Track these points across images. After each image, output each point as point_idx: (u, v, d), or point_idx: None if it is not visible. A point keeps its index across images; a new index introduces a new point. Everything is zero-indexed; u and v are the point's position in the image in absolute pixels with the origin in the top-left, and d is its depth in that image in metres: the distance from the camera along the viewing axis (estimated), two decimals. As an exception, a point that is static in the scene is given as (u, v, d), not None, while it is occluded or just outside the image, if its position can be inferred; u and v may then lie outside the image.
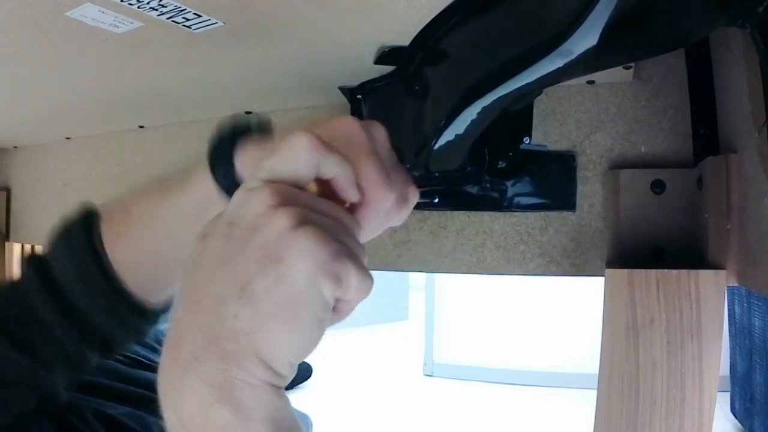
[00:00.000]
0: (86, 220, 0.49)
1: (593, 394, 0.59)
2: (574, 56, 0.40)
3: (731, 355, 2.37)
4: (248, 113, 0.78)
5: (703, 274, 0.54)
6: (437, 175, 0.71)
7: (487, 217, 0.73)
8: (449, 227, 0.75)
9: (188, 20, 0.52)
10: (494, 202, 0.71)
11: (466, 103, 0.47)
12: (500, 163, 0.66)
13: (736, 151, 0.55)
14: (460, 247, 0.75)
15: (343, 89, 0.71)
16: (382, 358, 3.84)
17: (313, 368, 3.10)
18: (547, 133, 0.70)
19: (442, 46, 0.53)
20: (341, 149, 0.32)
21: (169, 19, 0.51)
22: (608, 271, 0.58)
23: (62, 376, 0.49)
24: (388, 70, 0.62)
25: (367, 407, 2.77)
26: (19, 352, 0.45)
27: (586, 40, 0.39)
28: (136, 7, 0.48)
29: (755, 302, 2.09)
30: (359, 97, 0.70)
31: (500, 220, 0.73)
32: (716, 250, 0.55)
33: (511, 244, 0.72)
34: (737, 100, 0.54)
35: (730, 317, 2.34)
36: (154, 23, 0.52)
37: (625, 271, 0.56)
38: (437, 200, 0.73)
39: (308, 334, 0.28)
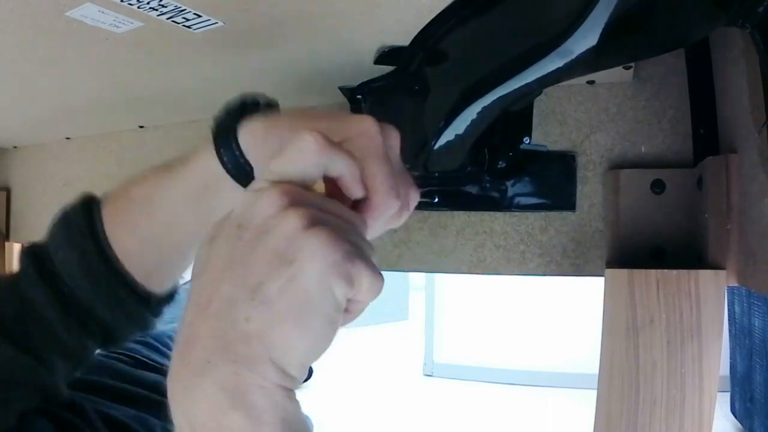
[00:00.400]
0: (86, 206, 0.48)
1: (593, 394, 0.59)
2: (574, 56, 0.40)
3: (731, 355, 2.37)
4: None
5: (703, 274, 0.54)
6: (437, 175, 0.71)
7: (487, 217, 0.73)
8: (449, 227, 0.75)
9: (188, 20, 0.52)
10: (494, 202, 0.71)
11: (466, 103, 0.47)
12: (500, 163, 0.66)
13: (736, 151, 0.55)
14: (460, 247, 0.75)
15: (343, 89, 0.71)
16: (382, 358, 3.84)
17: (313, 369, 3.10)
18: (547, 133, 0.70)
19: (442, 46, 0.53)
20: (354, 148, 0.32)
21: (169, 19, 0.51)
22: (608, 271, 0.58)
23: (62, 371, 0.48)
24: (388, 70, 0.62)
25: (367, 407, 2.77)
26: (17, 349, 0.44)
27: (586, 40, 0.39)
28: (136, 7, 0.48)
29: (755, 302, 2.09)
30: (359, 97, 0.70)
31: (500, 220, 0.73)
32: (716, 250, 0.55)
33: (511, 244, 0.72)
34: (737, 100, 0.54)
35: (730, 317, 2.34)
36: (154, 23, 0.52)
37: (625, 271, 0.56)
38: (437, 200, 0.73)
39: (321, 335, 0.28)
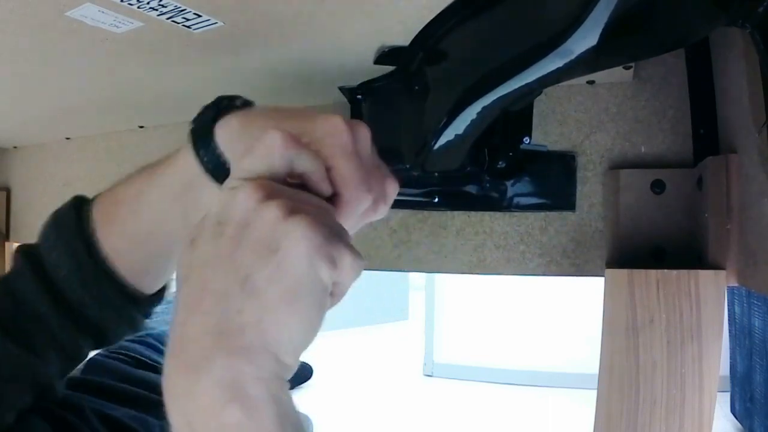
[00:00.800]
0: (77, 208, 0.49)
1: (593, 394, 0.59)
2: (574, 56, 0.40)
3: (731, 355, 2.37)
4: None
5: (703, 274, 0.54)
6: (437, 175, 0.71)
7: (487, 217, 0.73)
8: (449, 227, 0.75)
9: (188, 20, 0.52)
10: (494, 202, 0.71)
11: (466, 103, 0.47)
12: (500, 163, 0.66)
13: (736, 151, 0.55)
14: (460, 247, 0.75)
15: (343, 89, 0.71)
16: (382, 358, 3.84)
17: (313, 369, 3.10)
18: (547, 133, 0.70)
19: (442, 46, 0.53)
20: (320, 147, 0.33)
21: (169, 19, 0.51)
22: (608, 271, 0.58)
23: (57, 367, 0.48)
24: (388, 70, 0.62)
25: (367, 407, 2.77)
26: (12, 345, 0.45)
27: (586, 40, 0.39)
28: (136, 7, 0.48)
29: (755, 302, 2.09)
30: (359, 97, 0.70)
31: (500, 220, 0.73)
32: (716, 250, 0.55)
33: (511, 244, 0.72)
34: (737, 100, 0.54)
35: (730, 317, 2.34)
36: (154, 23, 0.52)
37: (625, 271, 0.56)
38: (437, 200, 0.73)
39: (311, 318, 0.29)
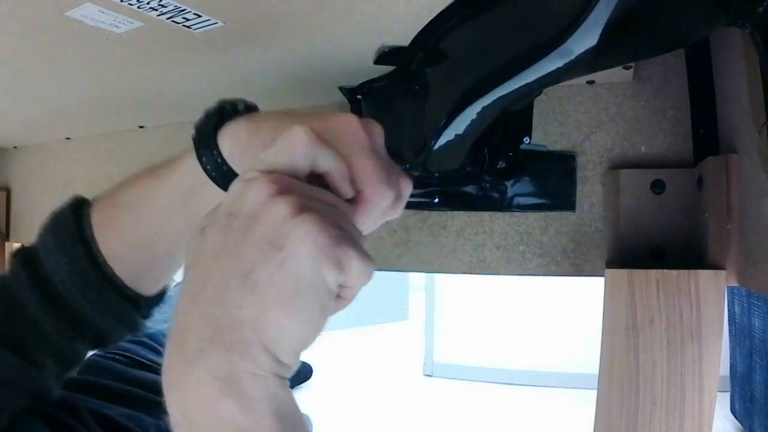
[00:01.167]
0: (76, 210, 0.48)
1: (593, 394, 0.59)
2: (574, 56, 0.40)
3: (731, 355, 2.37)
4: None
5: (703, 274, 0.54)
6: (437, 175, 0.71)
7: (487, 217, 0.73)
8: (449, 227, 0.75)
9: (188, 20, 0.52)
10: (494, 202, 0.71)
11: (466, 103, 0.47)
12: (500, 163, 0.66)
13: (736, 151, 0.55)
14: (460, 247, 0.75)
15: (343, 89, 0.71)
16: (382, 358, 3.84)
17: (313, 368, 3.09)
18: (547, 133, 0.70)
19: (442, 46, 0.53)
20: (339, 146, 0.32)
21: (169, 19, 0.51)
22: (608, 271, 0.58)
23: (53, 372, 0.48)
24: (388, 70, 0.62)
25: (367, 407, 2.77)
26: (7, 351, 0.44)
27: (586, 40, 0.39)
28: (136, 7, 0.48)
29: (755, 302, 2.09)
30: (359, 97, 0.70)
31: (500, 220, 0.73)
32: (716, 250, 0.55)
33: (511, 244, 0.72)
34: (737, 100, 0.54)
35: (730, 317, 2.34)
36: (154, 23, 0.52)
37: (625, 271, 0.56)
38: (437, 200, 0.73)
39: (312, 320, 0.28)
